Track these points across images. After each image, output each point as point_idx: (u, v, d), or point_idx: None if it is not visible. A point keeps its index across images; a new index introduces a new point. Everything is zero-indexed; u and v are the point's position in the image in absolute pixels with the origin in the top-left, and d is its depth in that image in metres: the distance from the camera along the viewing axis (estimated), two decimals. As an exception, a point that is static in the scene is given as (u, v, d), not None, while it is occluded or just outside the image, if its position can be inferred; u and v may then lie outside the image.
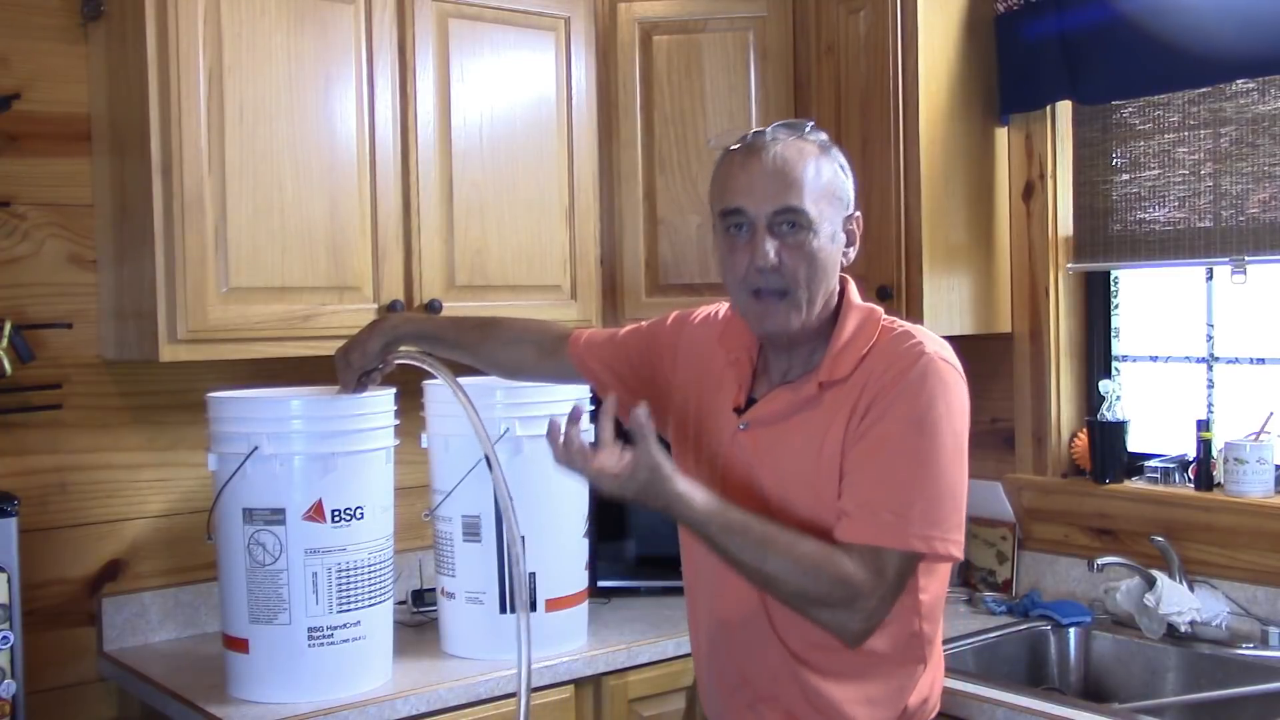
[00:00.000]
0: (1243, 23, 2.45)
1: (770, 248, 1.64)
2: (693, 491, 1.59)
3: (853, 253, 1.74)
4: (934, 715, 1.81)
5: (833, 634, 1.63)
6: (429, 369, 2.11)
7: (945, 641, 2.55)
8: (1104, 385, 2.82)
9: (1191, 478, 2.69)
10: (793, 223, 1.65)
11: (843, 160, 1.73)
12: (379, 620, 2.28)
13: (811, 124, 1.73)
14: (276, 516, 2.17)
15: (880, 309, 1.75)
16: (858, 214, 1.74)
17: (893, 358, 1.65)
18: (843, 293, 1.75)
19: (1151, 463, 2.78)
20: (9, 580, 2.04)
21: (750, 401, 1.77)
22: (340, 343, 2.25)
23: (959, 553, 1.63)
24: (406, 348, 2.14)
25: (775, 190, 1.64)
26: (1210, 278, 2.73)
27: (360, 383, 2.15)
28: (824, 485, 1.66)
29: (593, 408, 2.52)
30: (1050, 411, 2.91)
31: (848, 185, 1.72)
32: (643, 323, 2.03)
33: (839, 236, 1.70)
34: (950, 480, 1.61)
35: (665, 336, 1.95)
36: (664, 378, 1.93)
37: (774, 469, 1.71)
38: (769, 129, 1.69)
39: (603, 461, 1.57)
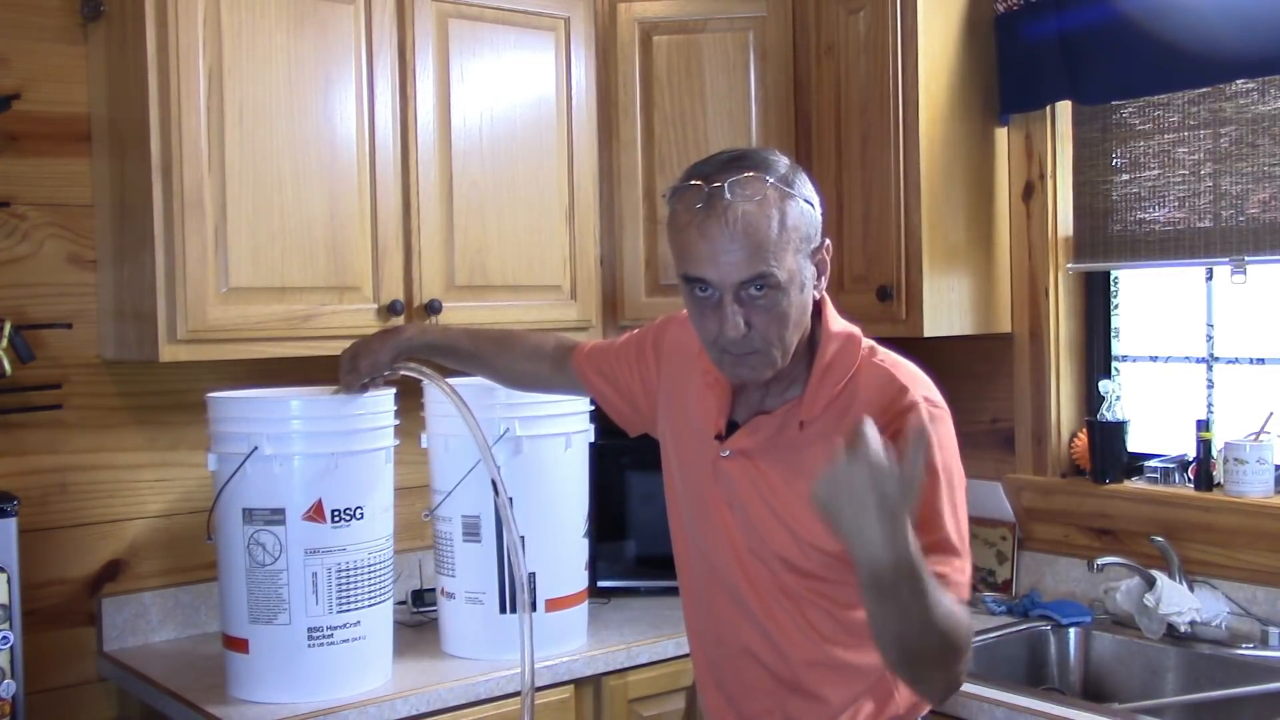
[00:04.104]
0: (1243, 23, 2.45)
1: (739, 319, 1.55)
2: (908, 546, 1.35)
3: (824, 282, 1.64)
4: (924, 715, 1.79)
5: (927, 694, 1.58)
6: (433, 382, 2.12)
7: (945, 641, 2.56)
8: (1104, 385, 2.82)
9: (1191, 478, 2.69)
10: (761, 285, 1.54)
11: (807, 191, 1.60)
12: (379, 620, 2.28)
13: (770, 155, 1.59)
14: (276, 516, 2.17)
15: (859, 331, 1.67)
16: (827, 242, 1.63)
17: (883, 409, 1.57)
18: (819, 315, 1.66)
19: (1151, 463, 2.78)
20: (9, 580, 2.05)
21: (732, 425, 1.71)
22: (340, 343, 2.26)
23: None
24: (414, 360, 2.15)
25: (740, 259, 1.52)
26: (1210, 278, 2.73)
27: (363, 386, 2.17)
28: (802, 526, 1.61)
29: (591, 406, 2.53)
30: (1050, 411, 2.91)
31: (815, 218, 1.60)
32: (640, 328, 2.02)
33: (810, 279, 1.60)
34: (962, 524, 1.59)
35: (650, 337, 1.93)
36: (652, 381, 1.91)
37: (752, 503, 1.68)
38: (725, 182, 1.53)
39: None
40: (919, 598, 1.37)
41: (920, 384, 1.63)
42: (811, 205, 1.60)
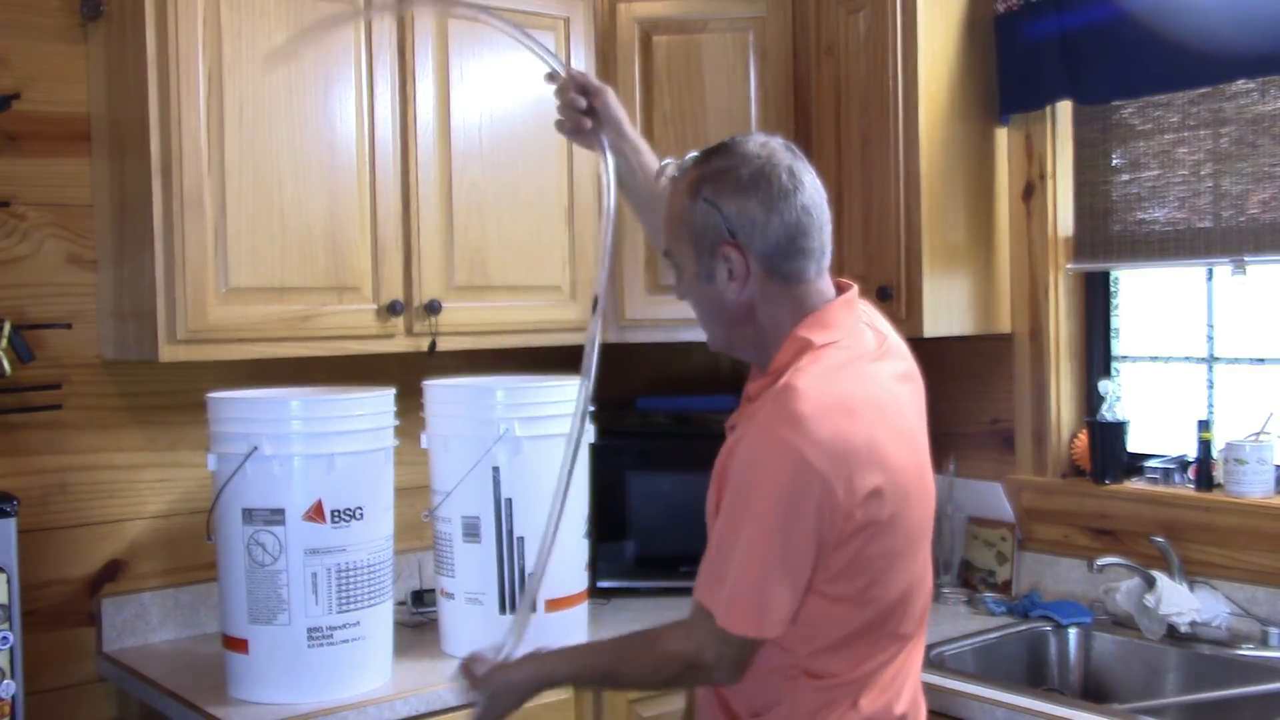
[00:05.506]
0: (1243, 23, 2.45)
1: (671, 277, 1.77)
2: (531, 667, 1.74)
3: (739, 287, 1.65)
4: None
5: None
6: (606, 165, 1.94)
7: (946, 642, 2.57)
8: (1103, 385, 2.82)
9: (1191, 478, 2.68)
10: (670, 262, 1.75)
11: (713, 191, 1.63)
12: (379, 620, 2.28)
13: (731, 152, 1.65)
14: (276, 517, 2.17)
15: (816, 342, 1.63)
16: (731, 248, 1.63)
17: (749, 419, 1.62)
18: (805, 319, 1.66)
19: (1151, 463, 2.78)
20: (9, 580, 2.04)
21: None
22: (339, 343, 2.26)
23: (743, 630, 1.57)
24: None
25: (662, 231, 1.77)
26: (1210, 278, 2.73)
27: (580, 116, 1.96)
28: (710, 505, 1.69)
29: (593, 407, 2.52)
30: (1050, 411, 2.91)
31: (710, 221, 1.64)
32: None
33: (707, 273, 1.66)
34: (743, 559, 1.56)
35: None
36: None
37: (716, 477, 1.71)
38: (671, 163, 1.76)
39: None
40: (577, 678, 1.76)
41: (787, 414, 1.55)
42: (712, 204, 1.64)
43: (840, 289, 1.72)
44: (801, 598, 1.58)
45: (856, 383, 1.62)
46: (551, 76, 2.00)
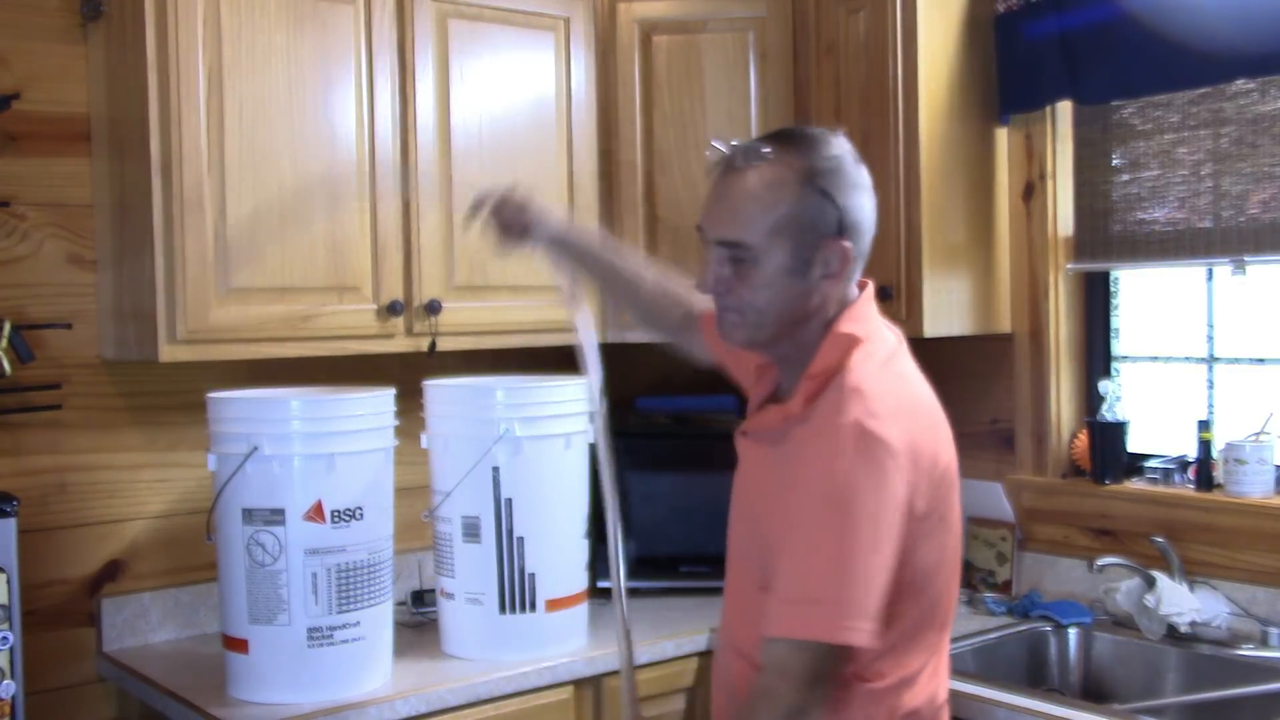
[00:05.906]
0: (1243, 22, 2.45)
1: (712, 271, 1.63)
2: None
3: (832, 284, 1.62)
4: None
5: None
6: (573, 301, 2.03)
7: (945, 642, 2.56)
8: (1104, 385, 2.82)
9: (1192, 478, 2.69)
10: (733, 250, 1.61)
11: (830, 184, 1.60)
12: (378, 620, 2.28)
13: (822, 141, 1.63)
14: (276, 517, 2.17)
15: (861, 338, 1.62)
16: (843, 242, 1.60)
17: (821, 421, 1.54)
18: (840, 315, 1.65)
19: (1151, 463, 2.78)
20: (9, 580, 2.04)
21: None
22: (340, 343, 2.26)
23: (862, 641, 1.48)
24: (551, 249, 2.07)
25: (722, 220, 1.61)
26: (1210, 278, 2.73)
27: (514, 239, 2.07)
28: (765, 528, 1.62)
29: (592, 408, 2.52)
30: (1050, 411, 2.91)
31: (823, 214, 1.59)
32: None
33: (801, 267, 1.60)
34: (862, 566, 1.49)
35: None
36: (748, 363, 1.90)
37: (745, 488, 1.71)
38: (756, 148, 1.61)
39: None
40: None
41: (872, 408, 1.51)
42: (829, 196, 1.60)
43: (859, 286, 1.70)
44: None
45: (906, 380, 1.63)
46: (474, 209, 2.08)
